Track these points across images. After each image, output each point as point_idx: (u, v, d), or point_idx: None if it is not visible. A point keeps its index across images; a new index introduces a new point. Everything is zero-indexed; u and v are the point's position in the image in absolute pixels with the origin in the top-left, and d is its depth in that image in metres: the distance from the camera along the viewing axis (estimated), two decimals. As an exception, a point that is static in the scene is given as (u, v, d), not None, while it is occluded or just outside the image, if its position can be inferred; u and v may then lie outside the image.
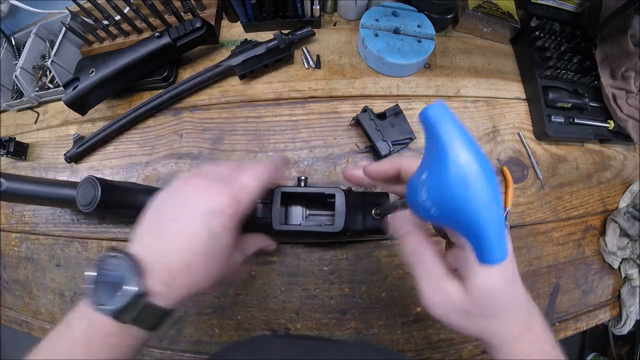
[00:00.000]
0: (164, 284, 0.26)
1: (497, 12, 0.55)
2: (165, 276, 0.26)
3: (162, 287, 0.26)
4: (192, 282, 0.27)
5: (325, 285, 0.46)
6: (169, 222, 0.28)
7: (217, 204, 0.27)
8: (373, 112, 0.47)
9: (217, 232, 0.27)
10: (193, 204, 0.28)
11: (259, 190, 0.30)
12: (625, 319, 0.53)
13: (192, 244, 0.27)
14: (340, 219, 0.37)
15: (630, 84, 0.52)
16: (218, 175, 0.30)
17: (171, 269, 0.26)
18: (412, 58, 0.50)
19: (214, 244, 0.27)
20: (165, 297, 0.26)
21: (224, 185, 0.29)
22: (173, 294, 0.27)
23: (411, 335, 0.46)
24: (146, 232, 0.28)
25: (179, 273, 0.27)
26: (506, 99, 0.55)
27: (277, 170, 0.33)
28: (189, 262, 0.27)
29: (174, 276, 0.26)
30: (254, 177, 0.30)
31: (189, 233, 0.27)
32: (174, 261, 0.26)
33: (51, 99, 0.59)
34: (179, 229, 0.27)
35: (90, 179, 0.39)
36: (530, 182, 0.52)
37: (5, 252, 0.56)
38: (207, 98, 0.53)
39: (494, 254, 0.18)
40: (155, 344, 0.47)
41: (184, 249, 0.27)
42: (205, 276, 0.28)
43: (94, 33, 0.56)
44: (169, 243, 0.27)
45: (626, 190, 0.56)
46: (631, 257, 0.52)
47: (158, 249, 0.27)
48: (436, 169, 0.19)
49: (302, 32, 0.51)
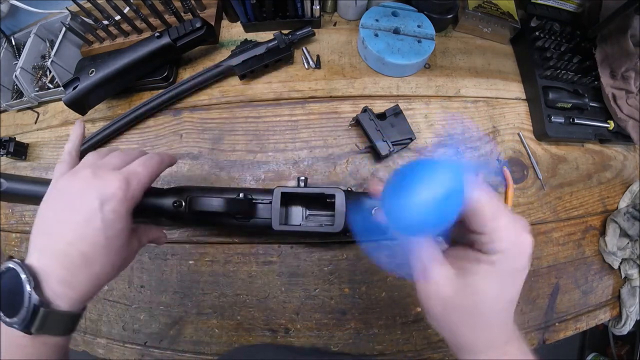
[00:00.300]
0: (63, 284, 0.26)
1: (497, 12, 0.55)
2: (64, 275, 0.26)
3: (62, 289, 0.26)
4: (94, 274, 0.27)
5: (325, 285, 0.46)
6: (61, 219, 0.27)
7: (107, 189, 0.27)
8: (373, 112, 0.47)
9: (110, 218, 0.27)
10: (83, 195, 0.27)
11: (149, 178, 0.31)
12: (625, 319, 0.53)
13: (87, 234, 0.26)
14: (340, 219, 0.37)
15: (630, 84, 0.52)
16: (105, 164, 0.31)
17: (69, 266, 0.26)
18: (412, 58, 0.50)
19: (109, 231, 0.27)
20: (67, 297, 0.26)
21: (116, 172, 0.29)
22: (75, 292, 0.26)
23: (411, 335, 0.46)
24: (38, 235, 0.28)
25: (78, 268, 0.26)
26: (506, 99, 0.55)
27: (164, 162, 0.34)
28: (86, 255, 0.26)
29: (73, 273, 0.26)
30: (144, 164, 0.31)
31: (82, 224, 0.26)
32: (70, 257, 0.26)
33: (51, 99, 0.59)
34: (71, 223, 0.26)
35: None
36: (530, 183, 0.52)
37: (5, 252, 0.56)
38: (207, 98, 0.53)
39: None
40: (155, 344, 0.47)
41: (79, 242, 0.26)
42: (107, 265, 0.28)
43: (94, 33, 0.56)
44: (63, 240, 0.26)
45: (626, 191, 0.56)
46: (631, 257, 0.52)
47: (51, 249, 0.26)
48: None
49: (302, 32, 0.51)
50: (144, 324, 0.48)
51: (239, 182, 0.49)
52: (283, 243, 0.47)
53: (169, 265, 0.48)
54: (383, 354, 0.46)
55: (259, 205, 0.40)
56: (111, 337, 0.49)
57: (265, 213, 0.39)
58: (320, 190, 0.38)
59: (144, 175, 0.30)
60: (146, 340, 0.48)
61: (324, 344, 0.45)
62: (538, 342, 0.48)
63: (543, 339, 0.49)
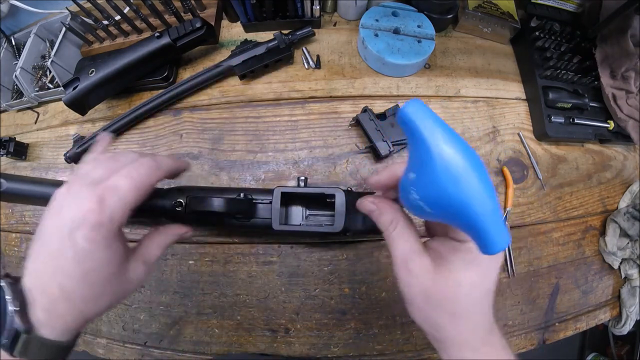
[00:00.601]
0: (47, 312, 0.23)
1: (497, 12, 0.55)
2: (47, 304, 0.23)
3: (46, 316, 0.23)
4: (74, 309, 0.24)
5: (325, 285, 0.46)
6: (43, 242, 0.24)
7: (77, 212, 0.23)
8: (373, 112, 0.47)
9: (84, 248, 0.23)
10: (53, 218, 0.24)
11: (135, 192, 0.25)
12: (625, 319, 0.53)
13: (61, 265, 0.23)
14: (340, 219, 0.37)
15: (630, 84, 0.52)
16: (83, 176, 0.25)
17: (49, 295, 0.23)
18: (412, 58, 0.50)
19: (85, 264, 0.23)
20: (51, 327, 0.24)
21: (86, 188, 0.24)
22: (58, 324, 0.24)
23: (411, 335, 0.46)
24: (32, 252, 0.25)
25: (57, 300, 0.23)
26: (506, 99, 0.55)
27: (159, 168, 0.28)
28: (64, 288, 0.23)
29: (53, 303, 0.23)
30: (127, 175, 0.25)
31: (56, 254, 0.23)
32: (50, 286, 0.23)
33: (51, 99, 0.59)
34: (51, 249, 0.23)
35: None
36: (530, 183, 0.52)
37: (5, 252, 0.56)
38: (207, 98, 0.53)
39: (494, 243, 0.19)
40: (156, 344, 0.47)
41: (56, 273, 0.23)
42: (85, 300, 0.24)
43: (94, 33, 0.56)
44: (43, 268, 0.24)
45: (626, 191, 0.56)
46: (631, 257, 0.52)
47: (35, 275, 0.24)
48: (423, 167, 0.19)
49: (302, 32, 0.51)
50: (144, 324, 0.48)
51: (239, 182, 0.49)
52: (283, 243, 0.47)
53: (168, 265, 0.48)
54: (383, 354, 0.46)
55: (259, 205, 0.40)
56: (111, 337, 0.49)
57: (266, 213, 0.39)
58: (320, 190, 0.38)
59: (127, 189, 0.25)
60: (146, 340, 0.48)
61: (324, 344, 0.46)
62: (538, 342, 0.48)
63: (543, 339, 0.49)
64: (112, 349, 0.49)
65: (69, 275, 0.23)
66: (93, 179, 0.25)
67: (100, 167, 0.26)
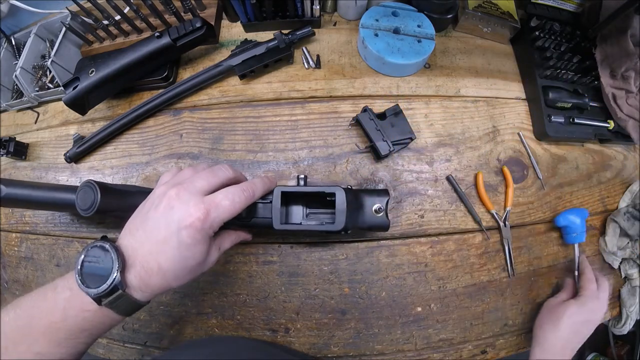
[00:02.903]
0: (141, 280, 0.30)
1: (497, 12, 0.55)
2: (143, 274, 0.30)
3: (139, 282, 0.30)
4: (164, 282, 0.31)
5: (325, 285, 0.46)
6: (151, 228, 0.31)
7: (186, 218, 0.30)
8: (373, 112, 0.47)
9: (187, 242, 0.30)
10: (165, 215, 0.31)
11: (231, 212, 0.32)
12: (625, 319, 0.53)
13: (164, 250, 0.30)
14: (341, 217, 0.37)
15: (630, 83, 0.52)
16: (191, 185, 0.32)
17: (148, 269, 0.30)
18: (412, 58, 0.50)
19: (184, 253, 0.30)
20: (140, 290, 0.30)
21: (199, 200, 0.31)
22: (148, 290, 0.30)
23: (411, 335, 0.46)
24: (132, 232, 0.32)
25: (154, 274, 0.30)
26: (506, 99, 0.55)
27: (254, 196, 0.35)
28: (162, 266, 0.30)
29: (149, 275, 0.30)
30: (231, 199, 0.32)
31: (161, 241, 0.30)
32: (151, 263, 0.30)
33: (51, 99, 0.59)
34: (158, 236, 0.30)
35: (90, 183, 0.38)
36: (530, 182, 0.52)
37: (5, 252, 0.56)
38: (207, 98, 0.53)
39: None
40: (156, 344, 0.47)
41: (157, 255, 0.30)
42: (177, 277, 0.31)
43: (94, 33, 0.56)
44: (149, 247, 0.30)
45: (626, 190, 0.56)
46: (631, 257, 0.52)
47: (140, 249, 0.30)
48: None
49: (302, 32, 0.51)
50: (144, 324, 0.48)
51: (239, 182, 0.49)
52: (283, 243, 0.47)
53: (169, 265, 0.48)
54: (383, 354, 0.46)
55: (259, 205, 0.40)
56: (111, 337, 0.49)
57: (266, 213, 0.39)
58: (321, 188, 0.38)
59: (227, 210, 0.32)
60: (146, 340, 0.48)
61: (324, 344, 0.46)
62: (538, 341, 0.48)
63: (543, 339, 0.49)
64: (112, 349, 0.49)
65: (169, 258, 0.30)
66: (198, 190, 0.32)
67: (202, 179, 0.33)
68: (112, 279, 0.28)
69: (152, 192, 0.33)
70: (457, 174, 0.50)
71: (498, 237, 0.49)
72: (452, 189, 0.49)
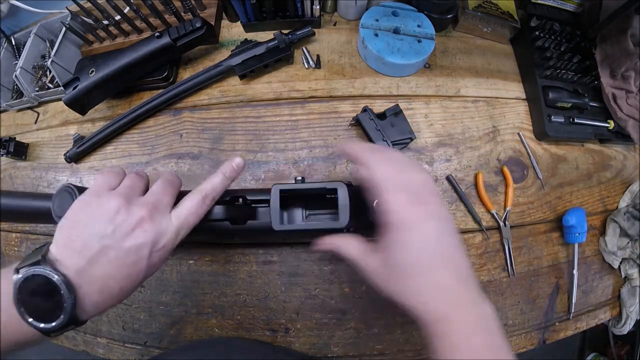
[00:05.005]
0: (94, 307, 0.27)
1: (497, 12, 0.55)
2: (98, 301, 0.27)
3: (92, 310, 0.27)
4: (118, 301, 0.28)
5: (325, 285, 0.46)
6: (115, 253, 0.27)
7: (163, 241, 0.29)
8: (373, 112, 0.47)
9: (155, 262, 0.29)
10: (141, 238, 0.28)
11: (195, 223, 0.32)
12: (625, 319, 0.53)
13: (130, 274, 0.28)
14: (344, 213, 0.35)
15: (630, 83, 0.52)
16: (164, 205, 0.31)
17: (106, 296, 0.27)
18: (412, 58, 0.50)
19: (149, 272, 0.29)
20: (90, 316, 0.27)
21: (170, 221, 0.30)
22: (96, 312, 0.28)
23: (411, 335, 0.46)
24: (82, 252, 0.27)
25: (114, 298, 0.28)
26: (506, 98, 0.55)
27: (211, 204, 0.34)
28: (123, 289, 0.28)
29: (106, 301, 0.27)
30: (195, 213, 0.32)
31: (130, 265, 0.27)
32: (109, 289, 0.27)
33: (51, 99, 0.59)
34: (125, 260, 0.27)
35: (68, 187, 0.35)
36: (530, 182, 0.52)
37: (5, 252, 0.56)
38: (207, 98, 0.53)
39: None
40: (156, 344, 0.47)
41: (121, 279, 0.27)
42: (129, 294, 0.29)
43: (94, 33, 0.56)
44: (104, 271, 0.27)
45: (626, 190, 0.56)
46: (631, 257, 0.52)
47: (91, 275, 0.26)
48: None
49: (302, 32, 0.51)
50: (144, 324, 0.48)
51: (239, 182, 0.49)
52: (283, 243, 0.47)
53: (169, 265, 0.48)
54: (383, 354, 0.46)
55: (258, 209, 0.39)
56: (111, 337, 0.49)
57: (265, 216, 0.38)
58: (322, 184, 0.36)
59: (193, 223, 0.32)
60: (146, 340, 0.48)
61: (324, 344, 0.45)
62: (538, 342, 0.48)
63: (543, 339, 0.49)
64: (112, 349, 0.49)
65: (134, 281, 0.28)
66: (166, 208, 0.31)
67: (167, 195, 0.32)
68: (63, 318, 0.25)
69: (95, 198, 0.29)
70: (457, 173, 0.50)
71: (498, 237, 0.49)
72: (452, 188, 0.49)
